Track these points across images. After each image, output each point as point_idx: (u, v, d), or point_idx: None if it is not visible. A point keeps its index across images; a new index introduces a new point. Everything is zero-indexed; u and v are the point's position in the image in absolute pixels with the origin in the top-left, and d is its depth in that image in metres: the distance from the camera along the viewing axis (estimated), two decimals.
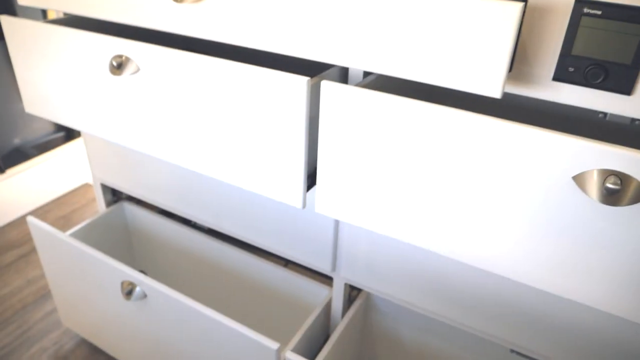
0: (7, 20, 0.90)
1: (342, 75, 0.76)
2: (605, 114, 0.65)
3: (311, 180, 0.75)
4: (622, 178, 0.50)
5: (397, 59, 0.59)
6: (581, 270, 0.57)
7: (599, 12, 0.55)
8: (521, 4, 0.51)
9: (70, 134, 2.11)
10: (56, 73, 0.90)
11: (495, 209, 0.59)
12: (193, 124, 0.77)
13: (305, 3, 0.62)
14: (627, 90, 0.56)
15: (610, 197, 0.50)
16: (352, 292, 1.08)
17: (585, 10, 0.55)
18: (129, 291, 1.02)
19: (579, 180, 0.52)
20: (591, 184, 0.52)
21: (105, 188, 1.34)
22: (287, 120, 0.66)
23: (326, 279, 1.14)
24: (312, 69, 0.98)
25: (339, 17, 0.61)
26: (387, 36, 0.59)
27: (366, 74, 0.76)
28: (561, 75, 0.59)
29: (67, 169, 2.09)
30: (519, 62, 0.61)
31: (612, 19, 0.55)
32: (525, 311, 0.83)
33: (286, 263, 1.23)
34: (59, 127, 2.06)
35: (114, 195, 1.38)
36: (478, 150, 0.57)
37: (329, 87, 0.62)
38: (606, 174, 0.51)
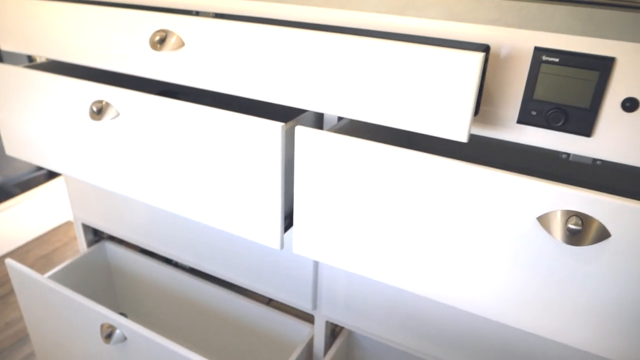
0: None
1: (318, 118, 0.78)
2: (568, 154, 0.67)
3: (289, 220, 0.76)
4: (583, 219, 0.52)
5: (367, 105, 0.62)
6: (551, 309, 0.58)
7: (557, 60, 0.58)
8: (482, 54, 0.54)
9: (52, 172, 2.11)
10: (37, 117, 0.91)
11: (467, 249, 0.61)
12: (172, 167, 0.78)
13: (280, 54, 0.65)
14: (586, 132, 0.59)
15: (573, 237, 0.52)
16: (336, 328, 1.08)
17: (544, 57, 0.58)
18: (108, 334, 1.00)
19: (543, 221, 0.54)
20: (555, 225, 0.54)
21: (86, 228, 1.34)
22: (263, 163, 0.68)
23: (309, 316, 1.13)
24: (291, 110, 1.00)
25: (312, 66, 0.63)
26: (358, 84, 0.61)
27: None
28: (525, 118, 0.61)
29: (49, 207, 2.08)
30: (485, 106, 0.63)
31: (569, 66, 0.58)
32: (504, 348, 0.84)
33: (269, 301, 1.22)
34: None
35: (96, 235, 1.37)
36: (448, 193, 0.59)
37: (302, 133, 0.64)
38: (568, 214, 0.53)
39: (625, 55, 0.55)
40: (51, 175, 2.11)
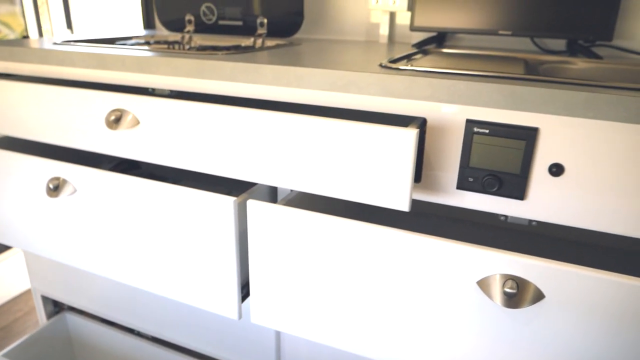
0: None
1: (272, 188, 0.81)
2: (506, 216, 0.72)
3: (247, 289, 0.77)
4: (519, 282, 0.55)
5: (313, 178, 0.65)
6: None
7: (487, 131, 0.63)
8: (416, 131, 0.58)
9: None
10: None
11: (415, 315, 0.63)
12: (129, 241, 0.78)
13: (230, 131, 0.68)
14: (520, 196, 0.63)
15: (511, 301, 0.55)
16: None
17: (475, 129, 0.63)
18: None
19: (483, 285, 0.57)
20: (494, 289, 0.56)
21: (45, 299, 1.30)
22: (218, 236, 0.69)
23: None
24: None
25: (261, 143, 0.66)
26: (304, 159, 0.64)
27: None
28: (463, 184, 0.65)
29: (8, 275, 2.01)
30: (427, 174, 0.67)
31: (498, 136, 0.62)
32: None
33: None
34: None
35: (56, 306, 1.34)
36: (393, 259, 0.61)
37: (254, 206, 0.66)
38: (505, 278, 0.56)
39: (547, 125, 0.60)
40: None
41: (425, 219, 0.96)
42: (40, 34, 1.96)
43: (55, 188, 0.80)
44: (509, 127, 0.61)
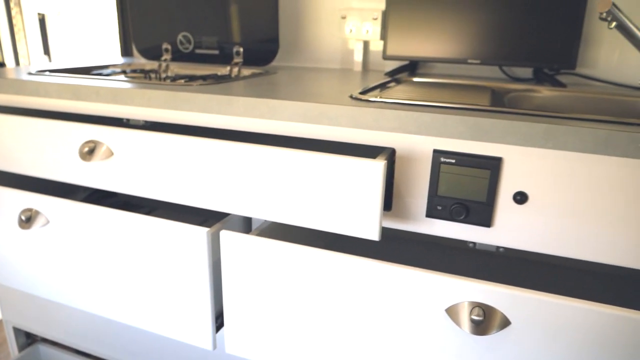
0: None
1: (246, 217, 0.81)
2: (474, 243, 0.73)
3: (222, 319, 0.77)
4: (485, 309, 0.56)
5: (284, 209, 0.66)
6: None
7: (453, 160, 0.65)
8: (384, 162, 0.59)
9: None
10: None
11: (386, 342, 0.63)
12: (102, 273, 0.78)
13: (203, 163, 0.69)
14: (486, 223, 0.65)
15: (478, 328, 0.56)
16: None
17: (442, 159, 0.65)
18: None
19: (451, 312, 0.58)
20: (462, 316, 0.58)
21: (17, 331, 1.27)
22: (191, 266, 0.70)
23: None
24: None
25: (233, 174, 0.67)
26: (275, 190, 0.65)
27: None
28: (432, 212, 0.67)
29: None
30: (397, 202, 0.69)
31: (464, 166, 0.64)
32: None
33: None
34: None
35: (28, 338, 1.31)
36: (364, 289, 0.62)
37: (227, 237, 0.67)
38: (472, 306, 0.57)
39: (511, 155, 0.62)
40: None
41: (398, 243, 0.97)
42: (17, 61, 1.95)
43: (28, 219, 0.80)
44: (474, 157, 0.64)
